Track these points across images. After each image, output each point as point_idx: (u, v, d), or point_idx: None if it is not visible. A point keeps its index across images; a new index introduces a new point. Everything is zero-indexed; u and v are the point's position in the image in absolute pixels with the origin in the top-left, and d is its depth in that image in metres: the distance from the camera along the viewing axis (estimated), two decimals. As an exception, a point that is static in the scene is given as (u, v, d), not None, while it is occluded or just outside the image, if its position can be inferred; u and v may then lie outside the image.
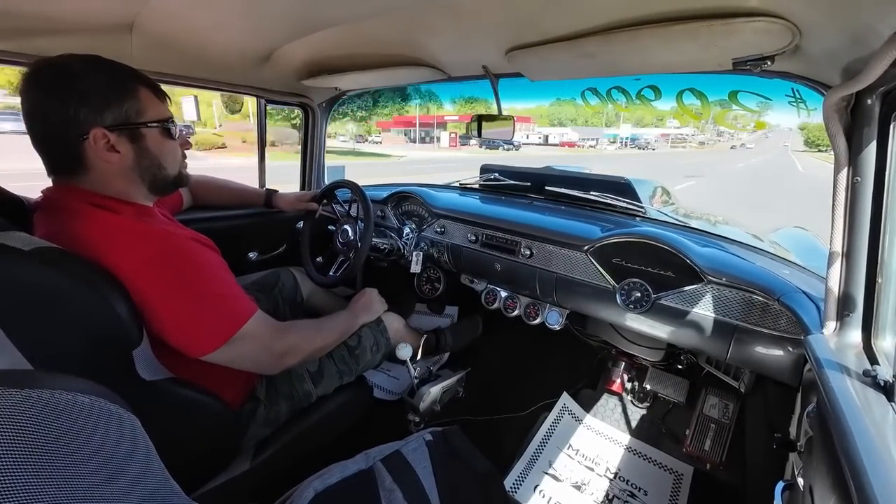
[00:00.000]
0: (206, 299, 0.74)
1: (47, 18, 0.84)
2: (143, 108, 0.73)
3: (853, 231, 0.66)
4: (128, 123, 0.71)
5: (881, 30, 0.51)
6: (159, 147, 0.77)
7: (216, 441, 0.84)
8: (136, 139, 0.73)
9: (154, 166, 0.77)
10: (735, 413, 1.23)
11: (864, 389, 0.56)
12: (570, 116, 64.73)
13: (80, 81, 0.67)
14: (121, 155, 0.71)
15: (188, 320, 0.72)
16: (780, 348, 0.87)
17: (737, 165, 23.21)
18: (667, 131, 63.67)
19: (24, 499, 0.26)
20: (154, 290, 0.68)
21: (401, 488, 0.68)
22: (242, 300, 0.80)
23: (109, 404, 0.34)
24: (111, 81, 0.70)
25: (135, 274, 0.67)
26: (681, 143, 59.11)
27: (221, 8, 0.88)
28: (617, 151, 43.04)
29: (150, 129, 0.75)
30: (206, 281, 0.75)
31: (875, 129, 0.62)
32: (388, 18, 0.90)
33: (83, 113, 0.67)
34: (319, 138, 1.76)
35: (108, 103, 0.69)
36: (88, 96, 0.67)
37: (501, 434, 1.38)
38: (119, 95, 0.70)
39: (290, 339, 0.88)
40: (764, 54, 0.70)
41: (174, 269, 0.71)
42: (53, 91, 0.66)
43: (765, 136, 65.75)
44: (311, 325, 0.99)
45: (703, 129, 58.36)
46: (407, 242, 1.54)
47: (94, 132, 0.68)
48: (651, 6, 0.69)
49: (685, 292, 1.00)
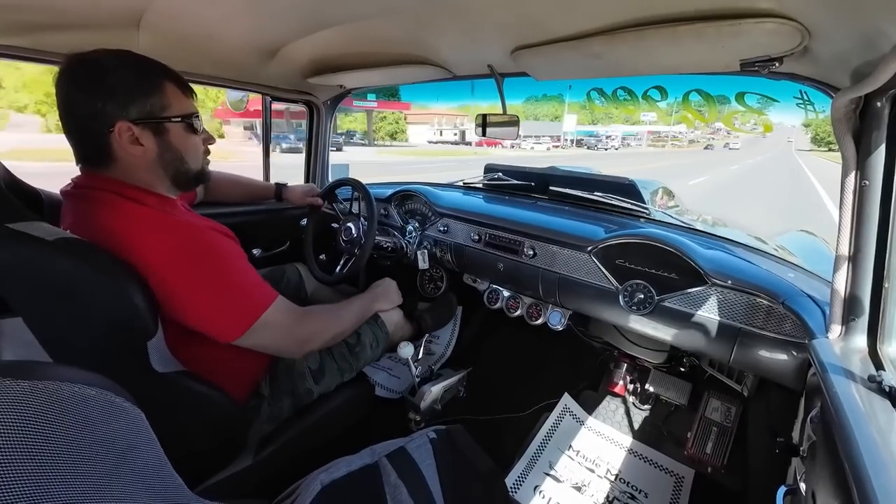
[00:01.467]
0: (230, 287, 0.77)
1: (55, 14, 0.84)
2: (168, 103, 0.75)
3: (860, 235, 0.65)
4: (152, 117, 0.74)
5: (891, 33, 0.51)
6: (182, 141, 0.79)
7: (221, 435, 0.85)
8: (159, 133, 0.75)
9: (177, 160, 0.79)
10: (737, 416, 1.23)
11: (869, 395, 0.55)
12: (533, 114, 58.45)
13: (108, 76, 0.70)
14: (144, 148, 0.74)
15: (215, 308, 0.75)
16: (784, 352, 0.87)
17: (711, 175, 15.50)
18: (633, 129, 52.80)
19: (34, 490, 0.26)
20: (180, 280, 0.71)
21: (406, 484, 0.69)
22: (264, 287, 0.83)
23: (115, 397, 0.35)
24: (138, 76, 0.73)
25: (160, 264, 0.69)
26: (660, 143, 49.66)
27: (228, 6, 0.88)
28: (549, 152, 33.12)
29: (174, 123, 0.77)
30: (228, 270, 0.78)
31: (884, 133, 0.61)
32: (394, 17, 0.90)
33: (110, 107, 0.70)
34: (324, 136, 1.76)
35: (134, 98, 0.71)
36: (115, 91, 0.70)
37: (502, 434, 1.38)
38: (145, 90, 0.73)
39: (311, 323, 0.92)
40: (772, 56, 0.70)
41: (199, 258, 0.74)
42: (84, 85, 0.70)
43: (761, 136, 53.98)
44: (330, 310, 1.03)
45: (680, 121, 49.68)
46: (410, 241, 1.54)
47: (119, 125, 0.70)
48: (657, 6, 0.68)
49: (689, 294, 0.99)
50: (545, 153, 32.52)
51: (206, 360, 0.80)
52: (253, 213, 1.54)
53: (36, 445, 0.28)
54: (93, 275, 0.62)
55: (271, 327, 0.81)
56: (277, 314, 0.82)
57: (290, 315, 0.87)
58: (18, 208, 0.81)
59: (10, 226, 0.65)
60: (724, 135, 52.66)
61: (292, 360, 0.98)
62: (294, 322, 0.87)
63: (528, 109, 63.31)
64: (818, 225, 1.87)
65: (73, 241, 0.65)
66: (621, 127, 54.08)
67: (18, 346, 0.87)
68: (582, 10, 0.75)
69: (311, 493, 0.62)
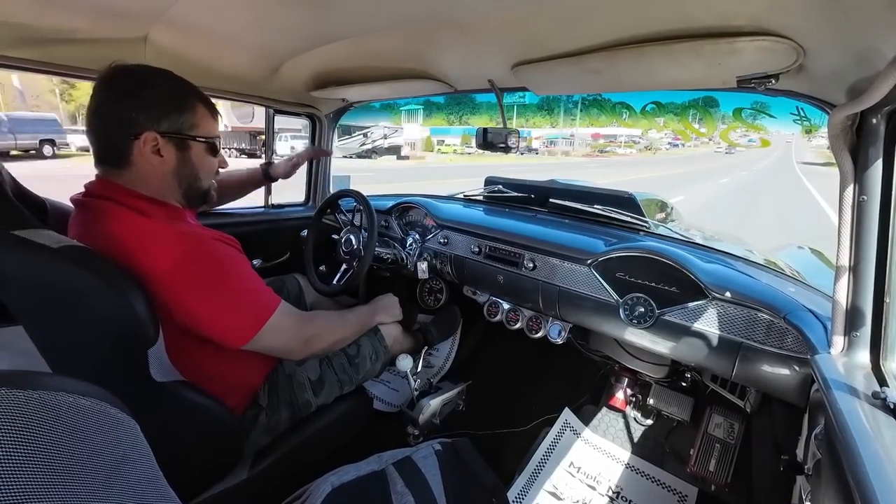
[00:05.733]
0: (236, 294, 0.79)
1: (64, 28, 0.87)
2: (197, 123, 0.80)
3: (860, 250, 0.65)
4: (179, 133, 0.77)
5: (885, 50, 0.52)
6: (201, 160, 0.83)
7: (217, 447, 0.84)
8: (182, 148, 0.79)
9: (192, 176, 0.82)
10: (741, 433, 1.21)
11: (873, 412, 0.55)
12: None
13: (146, 90, 0.74)
14: (163, 159, 0.77)
15: (222, 316, 0.77)
16: (786, 367, 0.86)
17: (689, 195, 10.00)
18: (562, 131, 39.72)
19: (24, 501, 0.26)
20: (189, 288, 0.72)
21: (412, 493, 0.69)
22: (267, 293, 0.85)
23: (110, 408, 0.34)
24: (174, 94, 0.77)
25: (167, 273, 0.70)
26: (611, 146, 36.75)
27: (233, 22, 0.90)
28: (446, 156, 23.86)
29: (198, 142, 0.81)
30: (233, 277, 0.80)
31: (881, 148, 0.62)
32: (396, 33, 0.92)
33: (143, 118, 0.73)
34: (326, 148, 1.78)
35: (167, 113, 0.75)
36: (150, 104, 0.74)
37: (502, 449, 1.35)
38: (178, 107, 0.77)
39: (315, 326, 0.94)
40: (768, 73, 0.71)
41: (206, 266, 0.76)
42: (121, 95, 0.74)
43: (746, 142, 38.09)
44: (333, 315, 1.05)
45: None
46: (410, 252, 1.54)
47: (147, 135, 0.74)
48: (656, 24, 0.70)
49: (689, 308, 0.99)
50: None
51: (205, 370, 0.80)
52: (253, 224, 1.54)
53: (28, 456, 0.27)
54: (95, 282, 0.63)
55: (278, 329, 0.83)
56: (283, 317, 0.85)
57: (295, 317, 0.90)
58: (24, 216, 0.82)
59: (16, 233, 0.66)
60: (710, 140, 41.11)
61: (292, 370, 0.97)
62: (299, 323, 0.90)
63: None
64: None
65: (76, 249, 0.65)
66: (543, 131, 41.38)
67: (14, 354, 0.86)
68: (582, 27, 0.77)
69: (321, 494, 0.64)
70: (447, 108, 48.17)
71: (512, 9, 0.74)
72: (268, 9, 0.84)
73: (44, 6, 0.78)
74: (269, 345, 0.84)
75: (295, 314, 0.90)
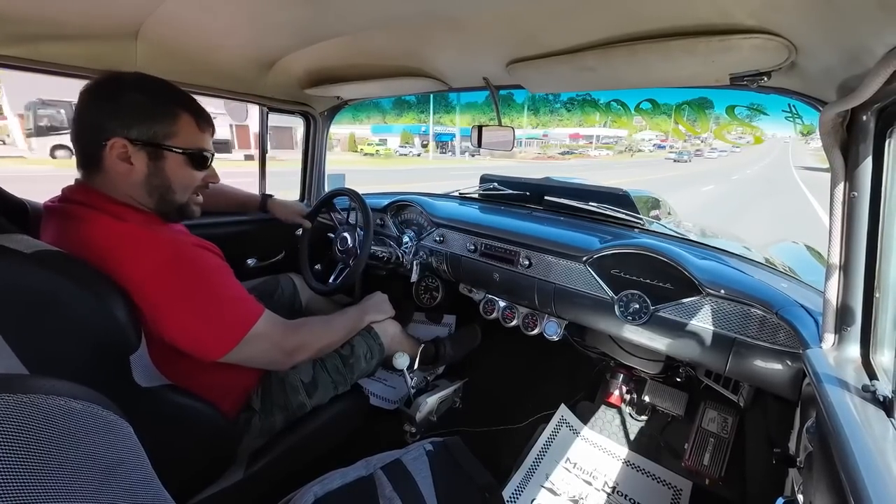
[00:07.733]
0: (214, 304, 0.76)
1: (53, 25, 0.85)
2: (175, 133, 0.77)
3: (850, 245, 0.66)
4: (151, 142, 0.75)
5: (875, 48, 0.52)
6: (176, 172, 0.79)
7: (211, 450, 0.83)
8: (155, 158, 0.76)
9: (164, 187, 0.79)
10: (734, 427, 1.22)
11: (863, 405, 0.55)
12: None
13: (122, 96, 0.73)
14: (133, 167, 0.75)
15: (199, 326, 0.74)
16: (778, 362, 0.87)
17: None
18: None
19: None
20: (163, 297, 0.70)
21: (401, 497, 0.68)
22: (249, 302, 0.82)
23: (103, 410, 0.34)
24: (153, 101, 0.75)
25: (143, 281, 0.68)
26: (581, 148, 34.15)
27: (226, 18, 0.89)
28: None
29: (174, 153, 0.77)
30: (213, 286, 0.77)
31: (871, 145, 0.62)
32: (391, 30, 0.92)
33: (112, 123, 0.72)
34: (320, 146, 1.77)
35: (140, 120, 0.74)
36: (121, 109, 0.73)
37: (498, 446, 1.36)
38: (152, 115, 0.75)
39: (300, 336, 0.91)
40: (761, 70, 0.71)
41: (182, 275, 0.73)
42: (96, 97, 0.73)
43: (733, 146, 36.65)
44: (320, 322, 1.02)
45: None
46: (406, 251, 1.54)
47: (115, 140, 0.72)
48: (649, 22, 0.70)
49: (684, 304, 0.99)
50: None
51: (194, 376, 0.78)
52: (248, 223, 1.53)
53: (19, 461, 0.27)
54: (71, 287, 0.61)
55: (258, 341, 0.80)
56: (265, 327, 0.82)
57: (278, 328, 0.86)
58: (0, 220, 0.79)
59: None
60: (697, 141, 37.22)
61: (285, 374, 0.96)
62: (282, 334, 0.86)
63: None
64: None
65: (51, 254, 0.63)
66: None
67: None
68: (576, 26, 0.77)
69: None
70: (417, 107, 47.05)
71: (506, 6, 0.74)
72: (261, 5, 0.83)
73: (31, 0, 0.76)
74: (250, 356, 0.81)
75: (280, 324, 0.87)
